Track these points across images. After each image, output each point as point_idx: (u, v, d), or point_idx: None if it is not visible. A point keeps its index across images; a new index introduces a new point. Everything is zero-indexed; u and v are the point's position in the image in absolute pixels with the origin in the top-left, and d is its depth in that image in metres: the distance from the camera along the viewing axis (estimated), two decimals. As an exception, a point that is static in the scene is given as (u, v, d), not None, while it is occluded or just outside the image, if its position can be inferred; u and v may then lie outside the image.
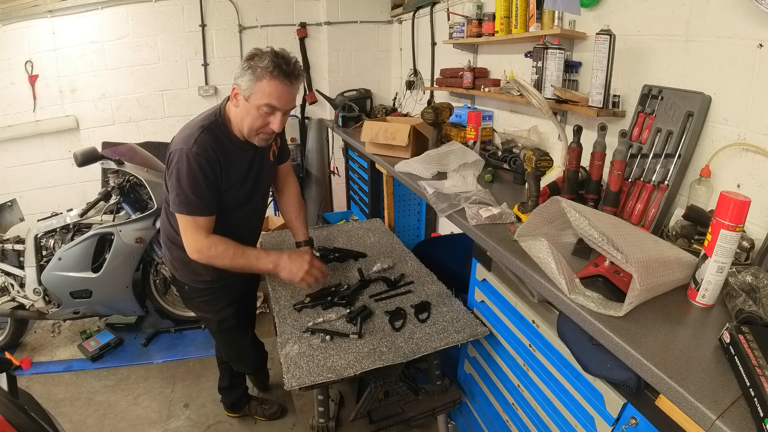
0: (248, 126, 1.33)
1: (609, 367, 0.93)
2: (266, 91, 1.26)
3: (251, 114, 1.30)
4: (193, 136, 1.31)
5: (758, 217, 1.15)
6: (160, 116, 3.39)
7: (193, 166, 1.29)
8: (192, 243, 1.38)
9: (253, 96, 1.27)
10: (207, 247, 1.37)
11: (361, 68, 3.65)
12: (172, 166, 1.32)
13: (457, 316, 1.41)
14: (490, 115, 2.35)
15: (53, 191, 3.37)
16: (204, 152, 1.30)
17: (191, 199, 1.32)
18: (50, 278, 2.26)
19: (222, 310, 1.63)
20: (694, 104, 1.27)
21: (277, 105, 1.28)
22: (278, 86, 1.25)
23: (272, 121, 1.31)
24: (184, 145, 1.30)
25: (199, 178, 1.30)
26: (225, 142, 1.37)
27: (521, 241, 1.17)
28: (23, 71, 3.09)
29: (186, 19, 3.24)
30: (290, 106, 1.33)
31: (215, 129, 1.35)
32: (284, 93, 1.28)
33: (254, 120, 1.31)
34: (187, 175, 1.29)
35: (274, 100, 1.27)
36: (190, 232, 1.37)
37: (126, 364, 2.43)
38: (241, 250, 1.41)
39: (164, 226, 1.56)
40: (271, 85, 1.25)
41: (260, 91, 1.26)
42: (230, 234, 1.42)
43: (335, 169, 3.81)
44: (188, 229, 1.37)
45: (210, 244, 1.37)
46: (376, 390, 1.37)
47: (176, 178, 1.31)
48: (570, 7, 1.63)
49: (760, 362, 0.71)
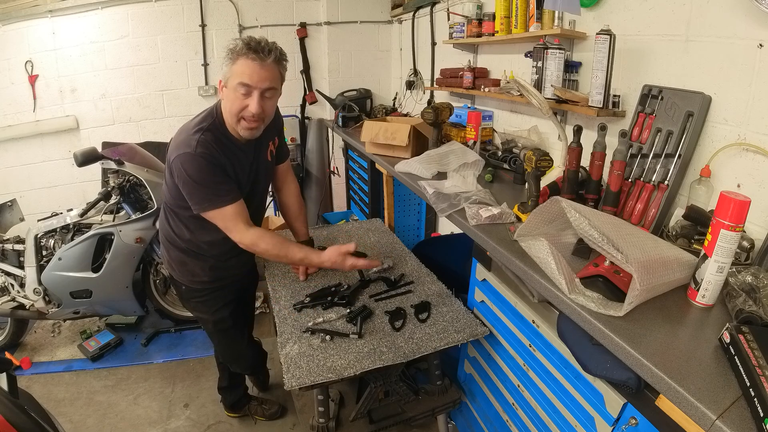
0: (229, 112, 1.32)
1: (609, 367, 0.93)
2: (238, 70, 1.26)
3: (230, 98, 1.30)
4: (194, 139, 1.29)
5: (758, 217, 1.15)
6: (160, 116, 3.39)
7: (201, 163, 1.28)
8: (236, 236, 1.37)
9: (230, 79, 1.28)
10: (252, 243, 1.38)
11: (361, 68, 3.65)
12: (181, 172, 1.29)
13: (457, 316, 1.41)
14: (490, 115, 2.35)
15: (53, 191, 3.37)
16: (209, 151, 1.29)
17: (212, 191, 1.31)
18: (50, 278, 2.26)
19: (218, 310, 1.63)
20: (694, 104, 1.27)
21: (249, 82, 1.26)
22: (249, 64, 1.25)
23: (250, 102, 1.29)
24: (187, 149, 1.28)
25: (210, 171, 1.30)
26: (225, 142, 1.36)
27: (521, 241, 1.17)
28: (23, 71, 3.09)
29: (186, 19, 3.24)
30: (265, 85, 1.28)
31: (214, 130, 1.34)
32: (255, 70, 1.26)
33: (233, 103, 1.30)
34: (198, 172, 1.28)
35: (246, 78, 1.26)
36: (228, 225, 1.36)
37: (126, 364, 2.43)
38: (285, 249, 1.43)
39: (162, 226, 1.56)
40: (242, 64, 1.26)
41: (234, 72, 1.27)
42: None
43: (335, 169, 3.80)
44: (225, 224, 1.36)
45: (254, 240, 1.38)
46: (376, 390, 1.38)
47: (191, 180, 1.29)
48: (570, 7, 1.63)
49: (760, 362, 0.71)
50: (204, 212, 1.34)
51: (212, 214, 1.34)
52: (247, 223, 1.38)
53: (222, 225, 1.37)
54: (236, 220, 1.35)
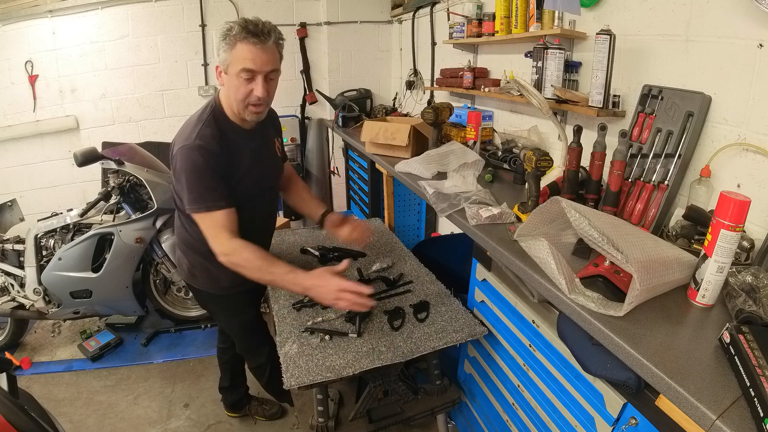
0: (234, 99, 1.30)
1: (609, 367, 0.93)
2: (239, 56, 1.23)
3: (233, 85, 1.27)
4: (194, 131, 1.29)
5: (758, 217, 1.15)
6: (160, 116, 3.39)
7: (198, 159, 1.25)
8: (216, 245, 1.29)
9: (231, 65, 1.25)
10: (231, 251, 1.28)
11: (361, 68, 3.65)
12: (178, 167, 1.28)
13: (456, 316, 1.41)
14: (490, 115, 2.35)
15: (53, 191, 3.37)
16: (206, 144, 1.27)
17: (202, 194, 1.27)
18: (50, 278, 2.27)
19: (244, 312, 1.62)
20: (694, 104, 1.27)
21: (253, 67, 1.24)
22: (250, 48, 1.22)
23: (255, 87, 1.27)
24: (186, 142, 1.27)
25: (206, 170, 1.26)
26: (227, 131, 1.34)
27: (521, 241, 1.17)
28: (23, 71, 3.09)
29: (186, 19, 3.24)
30: (268, 68, 1.26)
31: (214, 120, 1.33)
32: (258, 54, 1.23)
33: (237, 90, 1.27)
34: (192, 169, 1.26)
35: (249, 63, 1.23)
36: (212, 233, 1.29)
37: (126, 364, 2.43)
38: (267, 264, 1.28)
39: (179, 231, 1.52)
40: (243, 49, 1.22)
41: (235, 58, 1.24)
42: (246, 232, 1.35)
43: (335, 169, 3.81)
44: (209, 230, 1.29)
45: (235, 249, 1.28)
46: (375, 389, 1.37)
47: (184, 177, 1.27)
48: (570, 7, 1.63)
49: (760, 362, 0.71)
50: (193, 213, 1.30)
51: (200, 216, 1.29)
52: (233, 234, 1.29)
53: (205, 230, 1.30)
54: (221, 228, 1.28)
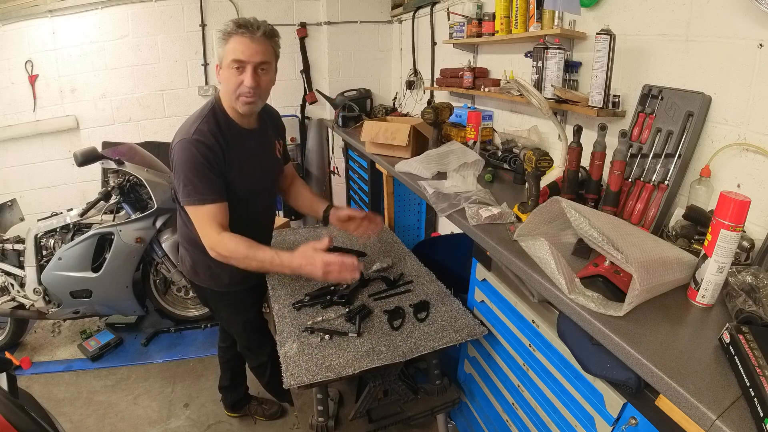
0: (227, 90, 1.35)
1: (609, 367, 0.93)
2: (230, 48, 1.30)
3: (226, 77, 1.33)
4: (192, 126, 1.32)
5: (758, 217, 1.15)
6: (160, 116, 3.39)
7: (194, 152, 1.29)
8: (205, 239, 1.33)
9: (224, 59, 1.32)
10: (217, 244, 1.31)
11: (361, 68, 3.65)
12: (175, 160, 1.32)
13: (456, 316, 1.41)
14: (490, 115, 2.35)
15: (53, 191, 3.37)
16: (204, 138, 1.30)
17: (197, 186, 1.30)
18: (50, 278, 2.27)
19: (246, 311, 1.63)
20: (694, 104, 1.27)
21: (242, 57, 1.29)
22: (240, 40, 1.29)
23: (244, 77, 1.31)
24: (184, 136, 1.31)
25: (202, 163, 1.29)
26: (225, 128, 1.37)
27: (521, 241, 1.17)
28: (23, 71, 3.09)
29: (186, 19, 3.24)
30: (257, 59, 1.31)
31: (214, 116, 1.37)
32: (247, 45, 1.29)
33: (228, 81, 1.33)
34: (188, 162, 1.29)
35: (239, 54, 1.29)
36: (203, 226, 1.33)
37: (126, 363, 2.43)
38: (253, 251, 1.31)
39: (181, 228, 1.54)
40: (233, 41, 1.30)
41: (227, 51, 1.31)
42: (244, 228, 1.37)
43: (335, 169, 3.81)
44: (200, 223, 1.33)
45: (220, 241, 1.31)
46: (375, 389, 1.37)
47: (180, 169, 1.30)
48: (570, 7, 1.63)
49: (760, 362, 0.71)
50: (186, 205, 1.33)
51: (193, 209, 1.33)
52: (222, 228, 1.33)
53: (197, 223, 1.34)
54: (212, 221, 1.31)
